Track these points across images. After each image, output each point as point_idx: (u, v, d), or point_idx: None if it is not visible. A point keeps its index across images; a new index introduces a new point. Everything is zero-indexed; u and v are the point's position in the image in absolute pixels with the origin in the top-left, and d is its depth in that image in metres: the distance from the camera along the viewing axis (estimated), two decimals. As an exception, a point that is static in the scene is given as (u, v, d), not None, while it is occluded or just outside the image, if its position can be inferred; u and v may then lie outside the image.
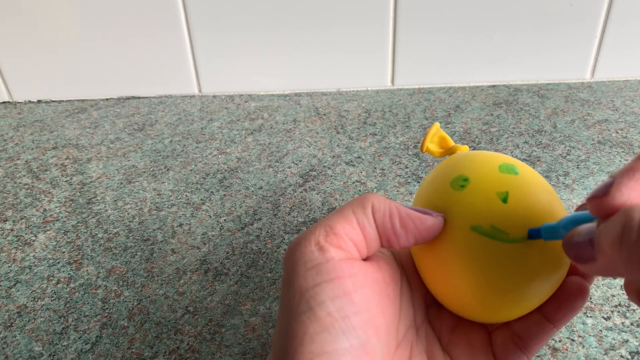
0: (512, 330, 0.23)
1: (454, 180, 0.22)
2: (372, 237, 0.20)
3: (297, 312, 0.18)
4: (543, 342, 0.22)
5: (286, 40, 0.56)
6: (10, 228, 0.39)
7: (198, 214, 0.40)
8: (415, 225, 0.20)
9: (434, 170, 0.25)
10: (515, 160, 0.23)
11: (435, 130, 0.27)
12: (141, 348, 0.29)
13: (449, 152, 0.27)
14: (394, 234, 0.20)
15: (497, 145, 0.47)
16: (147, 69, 0.58)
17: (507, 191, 0.21)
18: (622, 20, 0.56)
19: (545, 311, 0.22)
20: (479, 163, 0.23)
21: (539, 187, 0.22)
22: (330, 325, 0.18)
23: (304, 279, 0.19)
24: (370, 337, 0.18)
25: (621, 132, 0.49)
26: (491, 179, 0.21)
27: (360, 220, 0.20)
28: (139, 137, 0.52)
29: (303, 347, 0.17)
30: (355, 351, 0.18)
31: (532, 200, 0.21)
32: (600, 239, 0.16)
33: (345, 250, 0.19)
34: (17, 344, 0.30)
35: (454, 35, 0.57)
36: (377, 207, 0.20)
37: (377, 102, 0.57)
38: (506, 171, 0.22)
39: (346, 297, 0.18)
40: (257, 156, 0.47)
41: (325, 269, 0.19)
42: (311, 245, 0.19)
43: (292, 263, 0.19)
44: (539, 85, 0.60)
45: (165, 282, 0.34)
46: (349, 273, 0.19)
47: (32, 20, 0.54)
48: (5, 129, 0.54)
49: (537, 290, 0.21)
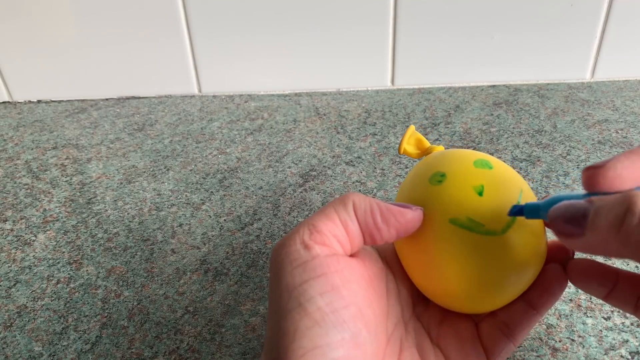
0: (497, 319, 0.23)
1: (432, 176, 0.23)
2: (355, 234, 0.21)
3: (286, 309, 0.18)
4: (528, 328, 0.23)
5: (286, 40, 0.56)
6: (10, 228, 0.39)
7: (198, 214, 0.40)
8: (396, 218, 0.21)
9: (413, 169, 0.26)
10: (489, 156, 0.24)
11: (412, 132, 0.28)
12: (141, 348, 0.29)
13: (426, 153, 0.28)
14: (376, 229, 0.21)
15: (497, 145, 0.47)
16: (147, 69, 0.58)
17: (482, 184, 0.22)
18: (622, 20, 0.56)
19: (528, 299, 0.23)
20: (454, 159, 0.24)
21: (513, 180, 0.23)
22: (321, 319, 0.18)
23: (292, 277, 0.19)
24: (361, 329, 0.19)
25: (621, 132, 0.49)
26: (467, 174, 0.22)
27: (343, 217, 0.21)
28: (139, 137, 0.52)
29: (295, 343, 0.17)
30: (347, 344, 0.18)
31: (506, 193, 0.22)
32: (598, 217, 0.16)
33: (330, 247, 0.20)
34: (17, 344, 0.30)
35: (454, 35, 0.57)
36: (358, 205, 0.21)
37: (377, 102, 0.57)
38: (481, 166, 0.23)
39: (334, 292, 0.19)
40: (257, 156, 0.47)
41: (312, 266, 0.19)
42: (296, 244, 0.20)
43: (278, 263, 0.20)
44: (539, 85, 0.60)
45: (165, 282, 0.34)
46: (335, 268, 0.19)
47: (32, 20, 0.54)
48: (5, 129, 0.54)
49: (517, 280, 0.22)
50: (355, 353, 0.18)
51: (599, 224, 0.16)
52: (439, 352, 0.23)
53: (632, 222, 0.15)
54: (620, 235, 0.16)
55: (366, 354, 0.19)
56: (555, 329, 0.29)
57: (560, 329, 0.29)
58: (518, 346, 0.28)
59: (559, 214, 0.18)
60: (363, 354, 0.19)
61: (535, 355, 0.28)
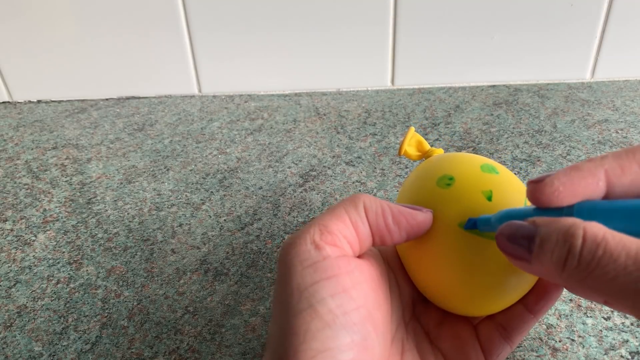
0: (496, 322, 0.23)
1: (439, 179, 0.23)
2: (365, 235, 0.21)
3: (297, 310, 0.18)
4: (525, 332, 0.23)
5: (286, 40, 0.56)
6: (10, 228, 0.39)
7: (198, 214, 0.40)
8: (407, 220, 0.21)
9: (416, 171, 0.25)
10: (493, 161, 0.24)
11: (412, 134, 0.28)
12: (141, 348, 0.29)
13: (426, 155, 0.28)
14: (387, 231, 0.21)
15: (497, 145, 0.47)
16: (147, 69, 0.58)
17: (491, 190, 0.22)
18: (622, 20, 0.56)
19: (526, 303, 0.23)
20: (461, 163, 0.24)
21: (517, 186, 0.23)
22: (332, 321, 0.18)
23: (302, 277, 0.19)
24: (370, 332, 0.19)
25: (621, 132, 0.49)
26: (475, 178, 0.22)
27: (354, 218, 0.20)
28: (139, 137, 0.52)
29: (305, 344, 0.17)
30: (357, 347, 0.18)
31: (513, 198, 0.22)
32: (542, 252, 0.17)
33: (341, 248, 0.20)
34: (17, 344, 0.30)
35: (454, 35, 0.57)
36: (369, 206, 0.21)
37: (377, 102, 0.57)
38: (488, 171, 0.23)
39: (345, 294, 0.19)
40: (257, 156, 0.47)
41: (323, 267, 0.19)
42: (307, 244, 0.19)
43: (287, 262, 0.19)
44: (539, 85, 0.60)
45: (165, 282, 0.34)
46: (346, 270, 0.19)
47: (32, 20, 0.54)
48: (5, 129, 0.54)
49: (518, 284, 0.22)
50: (364, 355, 0.18)
51: (544, 260, 0.16)
52: (438, 354, 0.23)
53: (572, 264, 0.16)
54: (563, 275, 0.16)
55: (374, 356, 0.19)
56: (555, 329, 0.29)
57: (560, 329, 0.29)
58: (518, 346, 0.28)
59: (507, 236, 0.18)
60: (371, 356, 0.19)
61: (535, 355, 0.28)
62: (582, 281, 0.15)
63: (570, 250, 0.16)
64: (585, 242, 0.15)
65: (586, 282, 0.15)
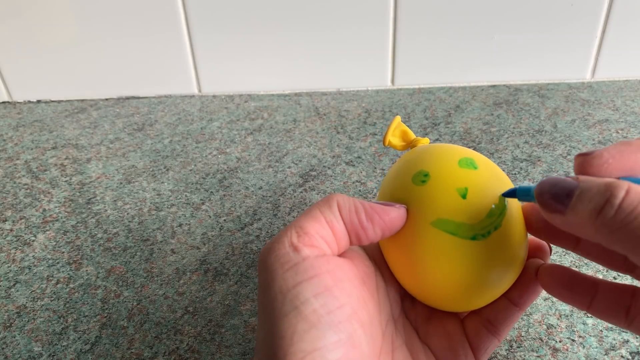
0: (482, 317, 0.24)
1: (415, 176, 0.23)
2: (341, 234, 0.21)
3: (282, 313, 0.18)
4: (511, 325, 0.24)
5: (286, 40, 0.56)
6: (9, 228, 0.39)
7: (198, 214, 0.40)
8: (380, 216, 0.21)
9: (396, 165, 0.25)
10: (474, 153, 0.23)
11: (397, 124, 0.28)
12: (141, 348, 0.29)
13: (411, 145, 0.27)
14: (361, 228, 0.21)
15: (498, 145, 0.47)
16: (147, 69, 0.58)
17: (466, 187, 0.21)
18: (622, 20, 0.56)
19: (511, 296, 0.23)
20: (439, 158, 0.23)
21: (498, 181, 0.22)
22: (317, 321, 0.18)
23: (284, 280, 0.19)
24: (356, 329, 0.19)
25: (621, 132, 0.49)
26: (451, 175, 0.22)
27: (329, 218, 0.21)
28: (139, 137, 0.52)
29: (294, 347, 0.17)
30: (344, 345, 0.18)
31: (490, 195, 0.21)
32: (580, 202, 0.17)
33: (318, 247, 0.20)
34: (17, 344, 0.29)
35: (454, 35, 0.57)
36: (343, 205, 0.21)
37: (377, 102, 0.57)
38: (465, 166, 0.22)
39: (328, 293, 0.19)
40: (257, 156, 0.47)
41: (303, 268, 0.19)
42: (285, 247, 0.20)
43: (268, 266, 0.20)
44: (539, 85, 0.60)
45: (164, 282, 0.34)
46: (326, 269, 0.19)
47: (31, 20, 0.54)
48: (5, 129, 0.54)
49: (498, 281, 0.22)
50: (353, 353, 0.18)
51: (580, 208, 0.17)
52: (427, 349, 0.23)
53: (609, 213, 0.16)
54: (596, 223, 0.16)
55: (363, 353, 0.19)
56: (556, 329, 0.29)
57: (561, 329, 0.29)
58: (518, 347, 0.28)
59: (547, 188, 0.18)
60: (360, 354, 0.19)
61: (535, 356, 0.28)
62: (614, 232, 0.16)
63: (610, 200, 0.16)
64: (628, 195, 0.16)
65: (618, 233, 0.16)
